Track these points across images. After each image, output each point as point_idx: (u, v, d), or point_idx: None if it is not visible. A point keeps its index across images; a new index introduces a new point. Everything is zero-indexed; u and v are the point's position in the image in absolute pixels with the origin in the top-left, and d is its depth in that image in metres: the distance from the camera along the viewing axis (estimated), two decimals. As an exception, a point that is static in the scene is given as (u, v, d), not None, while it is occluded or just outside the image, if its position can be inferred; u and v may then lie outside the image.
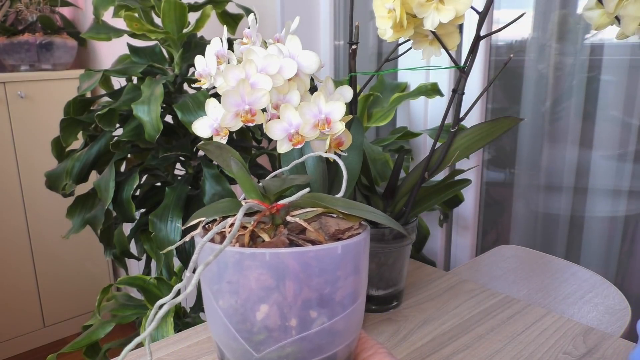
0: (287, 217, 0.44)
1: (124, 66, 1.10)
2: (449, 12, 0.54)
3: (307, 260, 0.38)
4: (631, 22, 0.51)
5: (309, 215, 0.45)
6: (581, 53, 1.06)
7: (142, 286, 0.96)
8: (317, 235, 0.43)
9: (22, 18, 1.94)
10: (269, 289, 0.39)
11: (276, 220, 0.45)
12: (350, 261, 0.41)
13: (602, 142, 1.06)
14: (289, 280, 0.38)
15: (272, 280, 0.38)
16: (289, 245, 0.41)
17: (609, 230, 1.09)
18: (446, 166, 0.70)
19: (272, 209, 0.44)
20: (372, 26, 1.38)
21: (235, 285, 0.39)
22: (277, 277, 0.38)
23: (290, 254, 0.38)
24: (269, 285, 0.38)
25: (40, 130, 1.94)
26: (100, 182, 0.99)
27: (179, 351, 0.64)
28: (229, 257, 0.39)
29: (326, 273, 0.39)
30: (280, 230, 0.44)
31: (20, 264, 1.99)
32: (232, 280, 0.39)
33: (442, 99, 1.11)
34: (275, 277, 0.38)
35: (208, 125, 0.50)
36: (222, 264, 0.39)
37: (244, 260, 0.38)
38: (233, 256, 0.39)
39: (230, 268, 0.39)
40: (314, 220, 0.45)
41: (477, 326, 0.70)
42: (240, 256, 0.39)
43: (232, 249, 0.39)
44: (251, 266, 0.38)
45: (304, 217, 0.45)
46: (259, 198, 0.45)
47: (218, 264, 0.40)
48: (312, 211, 0.45)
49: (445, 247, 1.25)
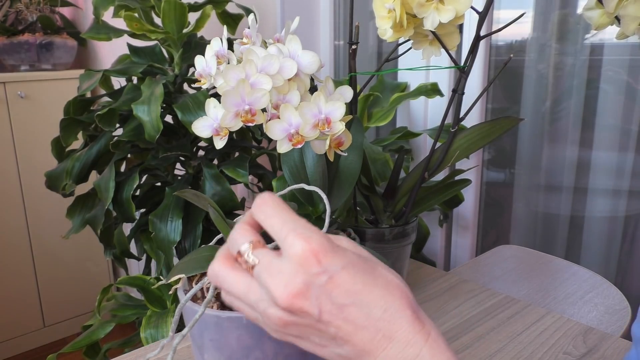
0: None
1: (124, 66, 1.10)
2: (449, 12, 0.54)
3: None
4: (631, 22, 0.51)
5: None
6: (581, 53, 1.06)
7: (142, 286, 0.95)
8: None
9: (22, 18, 1.94)
10: (249, 348, 0.39)
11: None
12: None
13: (602, 142, 1.06)
14: (268, 340, 0.38)
15: (252, 340, 0.38)
16: None
17: (609, 230, 1.09)
18: (446, 166, 0.70)
19: None
20: (372, 26, 1.38)
21: (217, 342, 0.40)
22: (256, 338, 0.38)
23: None
24: (249, 345, 0.39)
25: (40, 130, 1.94)
26: (100, 182, 0.99)
27: (179, 351, 0.64)
28: (208, 318, 0.39)
29: None
30: None
31: (20, 264, 1.99)
32: (214, 338, 0.40)
33: (442, 99, 1.11)
34: (254, 337, 0.38)
35: (208, 125, 0.50)
36: (203, 324, 0.40)
37: (223, 323, 0.39)
38: (212, 318, 0.39)
39: (211, 328, 0.40)
40: None
41: (477, 326, 0.70)
42: (219, 319, 0.39)
43: (211, 312, 0.39)
44: (230, 327, 0.39)
45: None
46: None
47: (200, 323, 0.40)
48: None
49: (445, 247, 1.25)
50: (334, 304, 0.31)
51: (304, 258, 0.31)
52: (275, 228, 0.33)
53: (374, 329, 0.31)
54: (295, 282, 0.31)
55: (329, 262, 0.31)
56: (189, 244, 1.00)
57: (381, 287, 0.32)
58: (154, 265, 1.31)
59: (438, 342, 0.32)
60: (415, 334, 0.31)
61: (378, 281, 0.32)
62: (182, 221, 0.95)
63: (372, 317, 0.31)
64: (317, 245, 0.31)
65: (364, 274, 0.32)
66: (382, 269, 0.33)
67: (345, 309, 0.31)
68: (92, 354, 1.03)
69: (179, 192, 0.55)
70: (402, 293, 0.32)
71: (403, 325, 0.31)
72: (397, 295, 0.32)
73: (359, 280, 0.31)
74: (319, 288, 0.31)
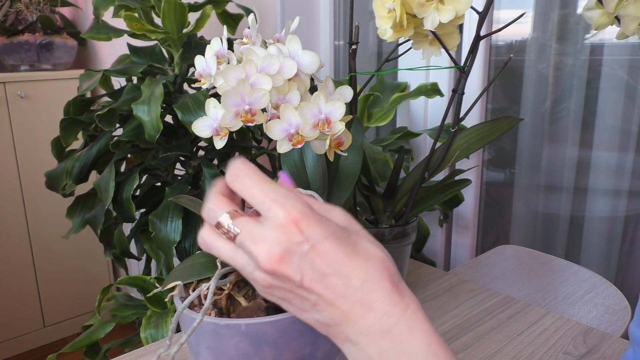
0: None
1: (124, 66, 1.10)
2: (449, 12, 0.54)
3: (284, 326, 0.38)
4: (631, 22, 0.51)
5: None
6: (581, 53, 1.06)
7: (142, 286, 0.95)
8: None
9: (22, 18, 1.94)
10: (247, 356, 0.39)
11: None
12: None
13: (602, 142, 1.06)
14: (267, 347, 0.38)
15: (250, 347, 0.38)
16: (265, 308, 0.41)
17: (609, 230, 1.09)
18: (446, 166, 0.70)
19: None
20: (372, 26, 1.38)
21: (215, 350, 0.40)
22: (255, 345, 0.38)
23: (266, 324, 0.38)
24: (247, 352, 0.39)
25: (40, 130, 1.94)
26: (100, 182, 0.99)
27: (179, 351, 0.64)
28: (206, 325, 0.39)
29: (305, 335, 0.39)
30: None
31: (20, 264, 1.99)
32: (212, 346, 0.40)
33: (442, 99, 1.11)
34: (253, 344, 0.38)
35: (208, 125, 0.50)
36: (201, 331, 0.40)
37: (221, 330, 0.39)
38: (209, 325, 0.39)
39: (208, 335, 0.40)
40: None
41: (477, 326, 0.70)
42: (216, 326, 0.39)
43: (208, 320, 0.39)
44: (228, 335, 0.39)
45: None
46: None
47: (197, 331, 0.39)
48: None
49: (445, 247, 1.25)
50: (315, 272, 0.32)
51: (287, 227, 0.32)
52: (257, 199, 0.33)
53: (352, 298, 0.32)
54: (277, 248, 0.32)
55: (312, 231, 0.32)
56: (189, 244, 1.00)
57: (362, 259, 0.33)
58: (154, 265, 1.31)
59: (417, 314, 0.33)
60: (393, 305, 0.32)
61: (360, 253, 0.33)
62: (182, 221, 0.95)
63: (350, 286, 0.32)
64: (300, 215, 0.32)
65: (345, 246, 0.33)
66: (366, 242, 0.34)
67: (325, 278, 0.32)
68: (92, 354, 1.03)
69: (174, 197, 0.55)
70: (383, 265, 0.33)
71: (381, 297, 0.32)
72: (377, 268, 0.33)
73: (340, 251, 0.32)
74: (301, 256, 0.32)
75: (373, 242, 0.34)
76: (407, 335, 0.32)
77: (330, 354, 0.41)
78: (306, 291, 0.32)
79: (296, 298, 0.33)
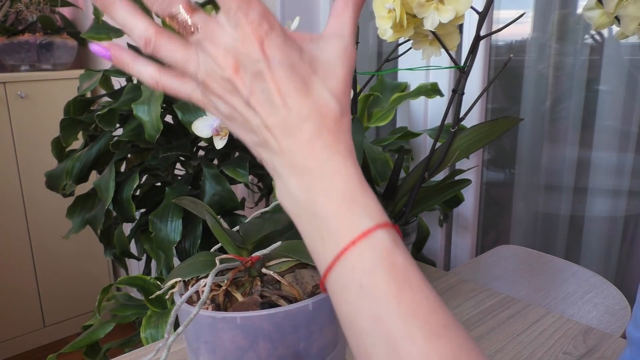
0: (262, 269, 0.45)
1: (124, 66, 1.10)
2: (449, 12, 0.54)
3: (279, 320, 0.39)
4: (631, 22, 0.51)
5: (284, 266, 0.46)
6: (581, 53, 1.06)
7: (142, 286, 0.95)
8: (290, 289, 0.43)
9: (22, 18, 1.94)
10: (243, 350, 0.40)
11: (252, 273, 0.45)
12: (323, 315, 0.41)
13: (602, 142, 1.06)
14: (262, 341, 0.39)
15: (246, 341, 0.39)
16: (261, 303, 0.42)
17: (608, 230, 1.09)
18: (446, 166, 0.70)
19: (247, 263, 0.44)
20: (372, 26, 1.38)
21: (211, 344, 0.41)
22: (250, 338, 0.39)
23: (260, 317, 0.39)
24: (242, 346, 0.39)
25: (40, 130, 1.94)
26: (100, 182, 0.99)
27: (179, 351, 0.64)
28: (203, 319, 0.40)
29: (299, 330, 0.40)
30: (256, 283, 0.44)
31: (20, 264, 1.99)
32: (208, 340, 0.41)
33: (442, 99, 1.11)
34: (248, 338, 0.39)
35: (208, 125, 0.50)
36: (198, 325, 0.41)
37: (217, 324, 0.40)
38: (206, 319, 0.40)
39: (205, 330, 0.40)
40: (290, 272, 0.46)
41: (477, 326, 0.70)
42: (213, 320, 0.40)
43: (205, 313, 0.40)
44: (224, 328, 0.39)
45: (279, 268, 0.46)
46: (235, 251, 0.46)
47: (194, 325, 0.41)
48: (287, 261, 0.46)
49: (445, 247, 1.25)
50: (264, 93, 0.31)
51: (249, 40, 0.30)
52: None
53: (289, 131, 0.31)
54: (232, 58, 0.30)
55: (272, 53, 0.30)
56: (189, 244, 1.00)
57: (311, 101, 0.32)
58: (154, 265, 1.30)
59: (346, 161, 0.32)
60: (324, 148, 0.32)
61: (312, 94, 0.32)
62: (182, 221, 0.95)
63: (290, 118, 0.31)
64: (265, 33, 0.30)
65: (300, 81, 0.31)
66: (325, 90, 0.32)
67: (271, 103, 0.31)
68: (92, 354, 1.03)
69: (176, 199, 0.55)
70: (329, 114, 0.32)
71: (314, 138, 0.31)
72: (322, 113, 0.32)
73: (293, 83, 0.31)
74: (255, 73, 0.31)
75: (333, 93, 0.32)
76: (329, 177, 0.31)
77: (324, 349, 0.42)
78: (251, 110, 0.31)
79: (240, 116, 0.32)
